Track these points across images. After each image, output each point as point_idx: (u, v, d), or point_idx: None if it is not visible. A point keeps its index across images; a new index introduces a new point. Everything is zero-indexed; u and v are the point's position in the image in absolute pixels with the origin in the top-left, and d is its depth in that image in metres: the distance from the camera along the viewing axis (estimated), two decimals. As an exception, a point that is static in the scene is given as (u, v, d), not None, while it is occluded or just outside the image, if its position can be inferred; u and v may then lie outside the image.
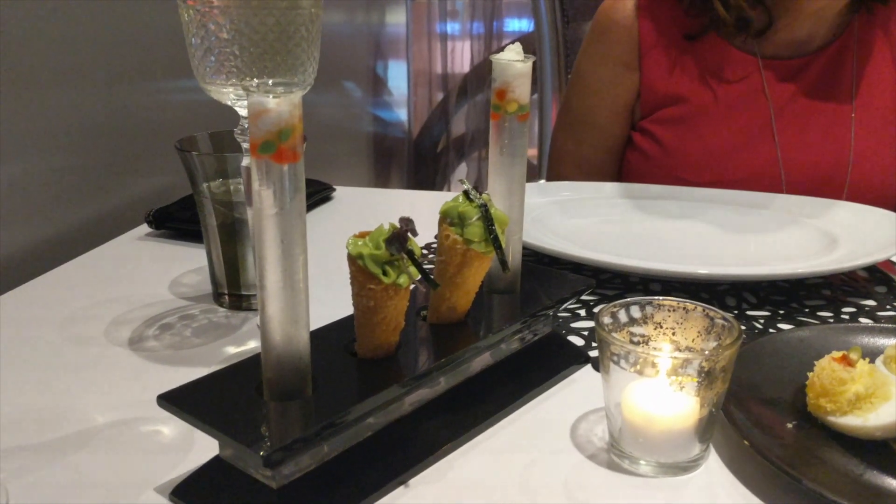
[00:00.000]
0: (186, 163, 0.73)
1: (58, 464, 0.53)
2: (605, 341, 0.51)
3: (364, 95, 2.26)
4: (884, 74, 1.10)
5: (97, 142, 1.00)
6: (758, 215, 0.96)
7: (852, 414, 0.52)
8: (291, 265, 0.44)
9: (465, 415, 0.56)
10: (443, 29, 2.54)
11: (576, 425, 0.57)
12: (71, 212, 0.97)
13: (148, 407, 0.59)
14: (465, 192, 0.54)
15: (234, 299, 0.76)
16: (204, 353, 0.68)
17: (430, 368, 0.52)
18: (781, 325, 0.72)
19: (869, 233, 0.86)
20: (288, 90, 0.41)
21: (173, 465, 0.52)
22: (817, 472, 0.49)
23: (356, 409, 0.47)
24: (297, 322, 0.45)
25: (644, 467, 0.52)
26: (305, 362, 0.47)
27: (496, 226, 0.54)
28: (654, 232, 0.94)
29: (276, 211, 0.43)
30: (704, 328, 0.54)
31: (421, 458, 0.52)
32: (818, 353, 0.58)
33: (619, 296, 0.78)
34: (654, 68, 1.14)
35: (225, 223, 0.74)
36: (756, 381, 0.58)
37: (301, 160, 0.43)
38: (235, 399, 0.47)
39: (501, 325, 0.58)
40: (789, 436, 0.53)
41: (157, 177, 1.11)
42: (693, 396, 0.50)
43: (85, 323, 0.73)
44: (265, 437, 0.44)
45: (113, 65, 1.02)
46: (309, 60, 0.56)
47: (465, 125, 2.53)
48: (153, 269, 0.86)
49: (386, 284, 0.48)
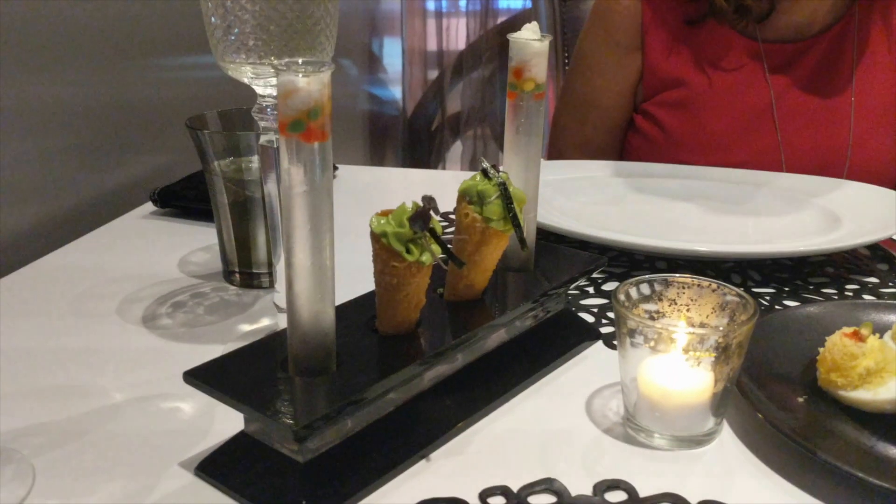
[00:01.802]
0: (197, 141, 0.73)
1: (80, 441, 0.53)
2: (623, 317, 0.52)
3: (359, 73, 2.25)
4: (882, 60, 1.11)
5: (100, 120, 0.99)
6: (761, 194, 0.97)
7: (863, 388, 0.53)
8: (319, 242, 0.44)
9: (482, 390, 0.57)
10: (438, 6, 2.53)
11: (590, 400, 0.58)
12: (75, 190, 0.96)
13: (166, 384, 0.60)
14: (483, 170, 0.55)
15: (244, 277, 0.77)
16: (217, 331, 0.68)
17: (450, 346, 0.52)
18: (787, 301, 0.73)
19: (870, 211, 0.87)
20: (317, 69, 0.41)
21: (195, 441, 0.53)
22: (829, 444, 0.50)
23: (380, 386, 0.47)
24: (323, 299, 0.46)
25: (659, 440, 0.53)
26: (331, 339, 0.47)
27: (515, 204, 0.54)
28: (659, 210, 0.94)
29: (306, 189, 0.43)
30: (718, 304, 0.55)
31: (441, 432, 0.53)
32: (827, 328, 0.59)
33: (625, 273, 0.79)
34: (656, 51, 1.14)
35: (236, 201, 0.74)
36: (767, 356, 0.59)
37: (329, 139, 0.43)
38: (261, 375, 0.48)
39: (517, 302, 0.58)
40: (801, 409, 0.54)
41: (161, 154, 1.11)
42: (708, 371, 0.51)
43: (97, 301, 0.73)
44: (293, 413, 0.44)
45: (116, 42, 1.01)
46: (328, 39, 0.56)
47: (461, 103, 2.53)
48: (161, 247, 0.86)
49: (409, 262, 0.48)
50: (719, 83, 1.11)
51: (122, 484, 0.49)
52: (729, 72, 1.11)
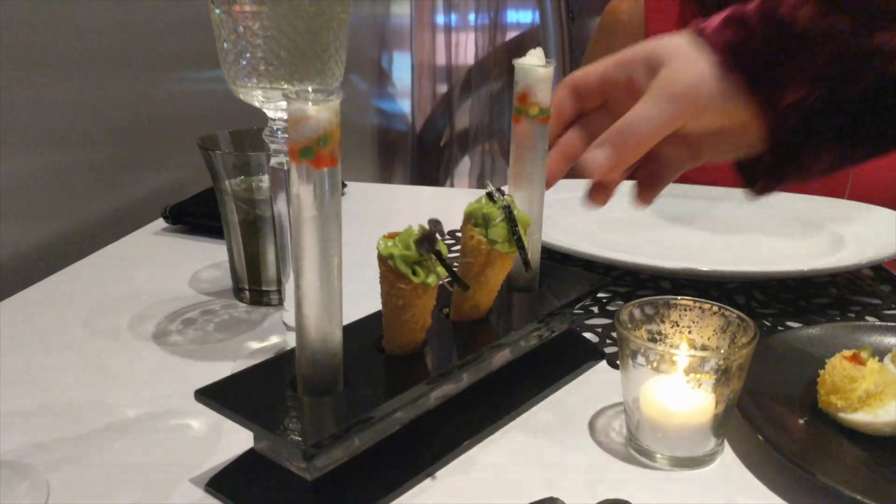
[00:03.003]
0: (209, 161, 0.74)
1: (94, 457, 0.54)
2: (626, 339, 0.53)
3: (369, 88, 2.27)
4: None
5: (112, 136, 1.01)
6: (765, 214, 0.98)
7: (862, 410, 0.54)
8: (328, 265, 0.46)
9: (486, 409, 0.58)
10: (447, 20, 2.55)
11: (594, 420, 0.59)
12: (87, 207, 0.98)
13: (176, 400, 0.61)
14: (488, 193, 0.56)
15: (254, 294, 0.78)
16: (227, 348, 0.70)
17: (455, 366, 0.53)
18: (790, 322, 0.74)
19: (874, 232, 0.87)
20: (327, 97, 0.43)
21: (205, 458, 0.54)
22: (829, 466, 0.51)
23: (387, 405, 0.48)
24: (331, 321, 0.47)
25: (661, 461, 0.54)
26: (339, 359, 0.49)
27: (519, 227, 0.55)
28: (663, 230, 0.95)
29: (315, 213, 0.44)
30: (720, 327, 0.56)
31: (446, 451, 0.54)
32: (828, 350, 0.60)
33: (630, 293, 0.80)
34: None
35: (246, 220, 0.76)
36: (768, 377, 0.60)
37: (338, 165, 0.44)
38: (271, 394, 0.49)
39: (522, 323, 0.59)
40: (801, 431, 0.55)
41: (173, 171, 1.12)
42: (710, 393, 0.52)
43: (110, 317, 0.75)
44: (302, 431, 0.45)
45: (128, 59, 1.03)
46: (337, 64, 0.57)
47: (469, 119, 2.54)
48: (172, 264, 0.88)
49: (415, 284, 0.50)
50: None
51: (135, 499, 0.50)
52: None
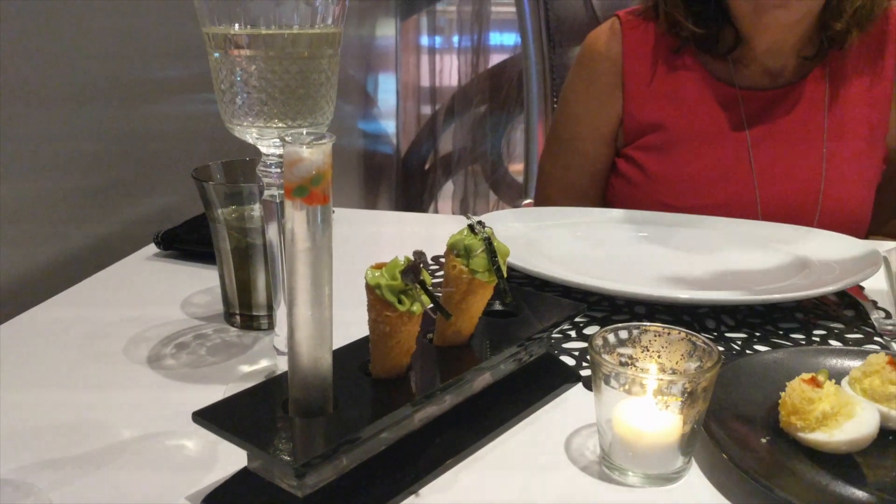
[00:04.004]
0: (202, 191, 0.77)
1: (93, 475, 0.57)
2: (598, 363, 0.57)
3: (354, 109, 2.31)
4: (855, 108, 1.16)
5: (104, 162, 1.04)
6: (736, 242, 1.02)
7: (820, 430, 0.58)
8: (320, 295, 0.49)
9: (468, 430, 0.61)
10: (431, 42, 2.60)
11: (569, 440, 0.62)
12: (80, 231, 1.01)
13: (172, 422, 0.64)
14: (469, 226, 0.59)
15: (245, 319, 0.81)
16: (219, 371, 0.72)
17: (439, 389, 0.56)
18: (757, 346, 0.78)
19: (839, 259, 0.91)
20: (320, 140, 0.46)
21: (200, 477, 0.57)
22: (788, 482, 0.54)
23: (373, 426, 0.52)
24: (322, 347, 0.50)
25: (632, 478, 0.57)
26: (328, 383, 0.52)
27: (499, 257, 0.59)
28: (639, 256, 0.99)
29: (308, 246, 0.47)
30: (687, 351, 0.59)
31: (429, 470, 0.57)
32: (790, 373, 0.63)
33: (606, 317, 0.83)
34: (637, 98, 1.20)
35: (238, 247, 0.79)
36: (734, 399, 0.63)
37: (330, 202, 0.48)
38: (264, 416, 0.52)
39: (501, 347, 0.63)
40: (763, 450, 0.58)
41: (164, 197, 1.15)
42: (677, 414, 0.55)
43: (105, 341, 0.77)
44: (293, 451, 0.48)
45: (119, 84, 1.06)
46: (328, 103, 0.60)
47: (453, 144, 2.59)
48: (164, 289, 0.91)
49: (401, 312, 0.53)
50: (698, 127, 1.17)
51: (133, 516, 0.53)
52: (707, 117, 1.17)
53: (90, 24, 0.99)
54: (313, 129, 0.57)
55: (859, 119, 1.16)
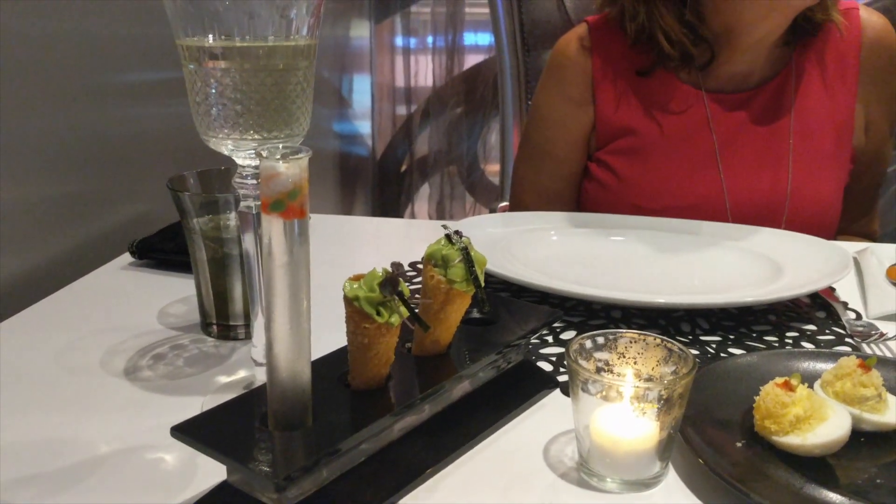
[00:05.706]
0: (178, 201, 0.77)
1: (71, 491, 0.57)
2: (575, 371, 0.57)
3: (329, 112, 2.31)
4: (819, 109, 1.18)
5: (77, 169, 1.03)
6: (709, 245, 1.03)
7: (793, 434, 0.59)
8: (298, 308, 0.49)
9: (447, 439, 0.62)
10: (406, 43, 2.61)
11: (548, 447, 0.63)
12: (52, 241, 1.00)
13: (150, 435, 0.63)
14: (447, 235, 0.60)
15: (222, 329, 0.81)
16: (197, 382, 0.72)
17: (417, 399, 0.57)
18: (732, 349, 0.79)
19: (811, 261, 0.93)
20: (296, 155, 0.46)
21: (180, 491, 0.57)
22: (763, 486, 0.55)
23: (353, 438, 0.52)
24: (301, 360, 0.50)
25: (610, 484, 0.58)
26: (308, 396, 0.52)
27: (476, 267, 0.59)
28: (615, 260, 1.00)
29: (286, 261, 0.47)
30: (663, 357, 0.60)
31: (410, 479, 0.57)
32: (764, 377, 0.64)
33: (583, 322, 0.84)
34: (607, 102, 1.21)
35: (214, 257, 0.78)
36: (709, 403, 0.64)
37: (307, 216, 0.48)
38: (243, 429, 0.52)
39: (480, 355, 0.63)
40: (739, 454, 0.59)
41: (139, 204, 1.14)
42: (653, 420, 0.56)
43: (80, 353, 0.77)
44: (273, 464, 0.48)
45: (93, 90, 1.05)
46: (304, 114, 0.60)
47: (428, 146, 2.59)
48: (140, 299, 0.90)
49: (379, 323, 0.53)
50: (667, 130, 1.18)
51: (112, 533, 0.52)
52: (675, 120, 1.18)
53: (64, 28, 0.98)
54: (289, 143, 0.57)
55: (825, 119, 1.18)
